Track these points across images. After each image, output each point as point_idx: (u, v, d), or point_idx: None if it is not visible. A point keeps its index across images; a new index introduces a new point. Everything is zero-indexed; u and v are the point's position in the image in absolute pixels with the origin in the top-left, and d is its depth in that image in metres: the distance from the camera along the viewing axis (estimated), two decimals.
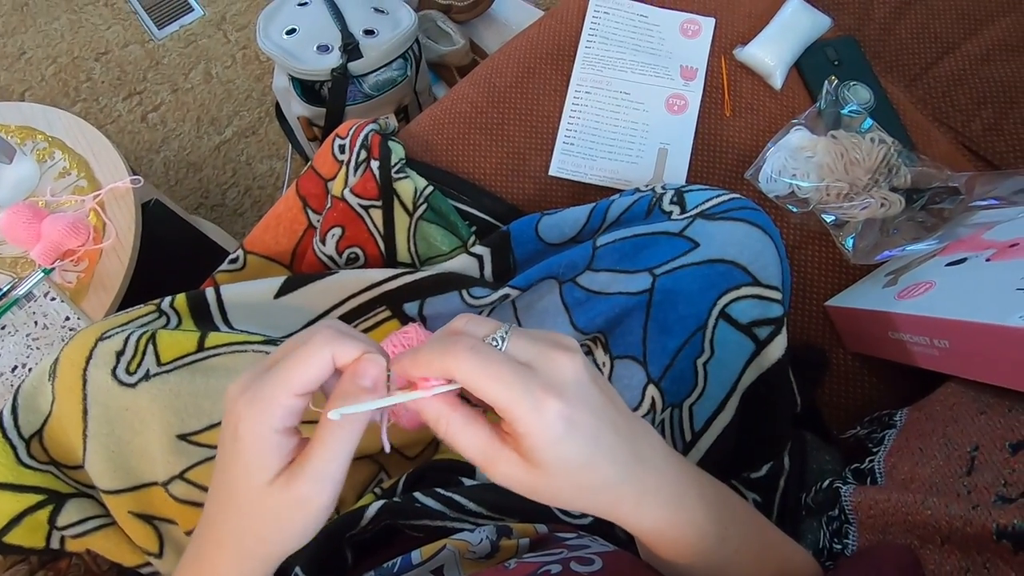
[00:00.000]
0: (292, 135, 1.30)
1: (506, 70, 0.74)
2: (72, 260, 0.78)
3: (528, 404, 0.26)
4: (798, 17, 0.70)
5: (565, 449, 0.27)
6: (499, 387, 0.26)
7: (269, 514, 0.28)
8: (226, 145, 1.38)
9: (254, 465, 0.27)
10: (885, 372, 0.59)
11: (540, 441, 0.26)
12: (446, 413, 0.28)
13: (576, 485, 0.28)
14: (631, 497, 0.29)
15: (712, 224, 0.52)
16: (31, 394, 0.51)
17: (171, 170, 1.36)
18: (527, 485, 0.27)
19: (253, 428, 0.27)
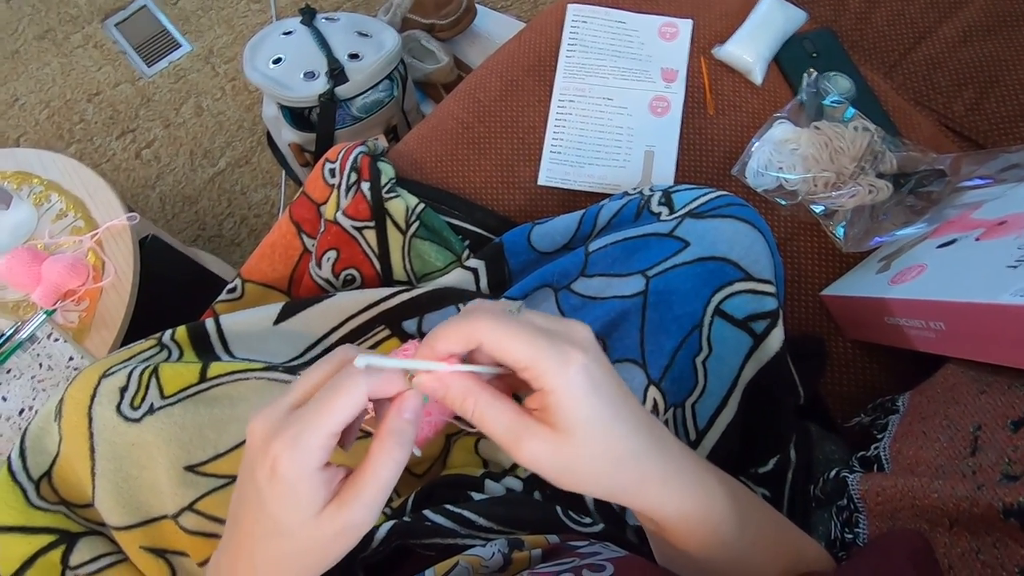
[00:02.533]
0: (285, 162, 1.31)
1: (489, 84, 0.75)
2: (73, 300, 0.79)
3: (554, 357, 0.27)
4: (773, 13, 0.71)
5: (591, 405, 0.27)
6: (523, 344, 0.27)
7: (316, 543, 0.28)
8: (220, 176, 1.39)
9: (301, 502, 0.28)
10: (885, 358, 0.59)
11: (567, 396, 0.27)
12: (474, 391, 0.28)
13: (602, 454, 0.28)
14: (656, 476, 0.29)
15: (701, 222, 0.52)
16: (38, 435, 0.51)
17: (167, 204, 1.37)
18: (555, 461, 0.27)
19: (296, 470, 0.27)
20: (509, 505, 0.50)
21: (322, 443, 0.27)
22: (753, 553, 0.34)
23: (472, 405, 0.28)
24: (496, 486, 0.54)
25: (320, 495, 0.28)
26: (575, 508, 0.51)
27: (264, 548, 0.29)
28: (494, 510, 0.49)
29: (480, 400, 0.28)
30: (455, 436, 0.62)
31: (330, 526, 0.28)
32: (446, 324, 0.28)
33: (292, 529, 0.28)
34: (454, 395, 0.28)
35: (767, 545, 0.35)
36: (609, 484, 0.29)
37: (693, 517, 0.31)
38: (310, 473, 0.27)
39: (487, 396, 0.28)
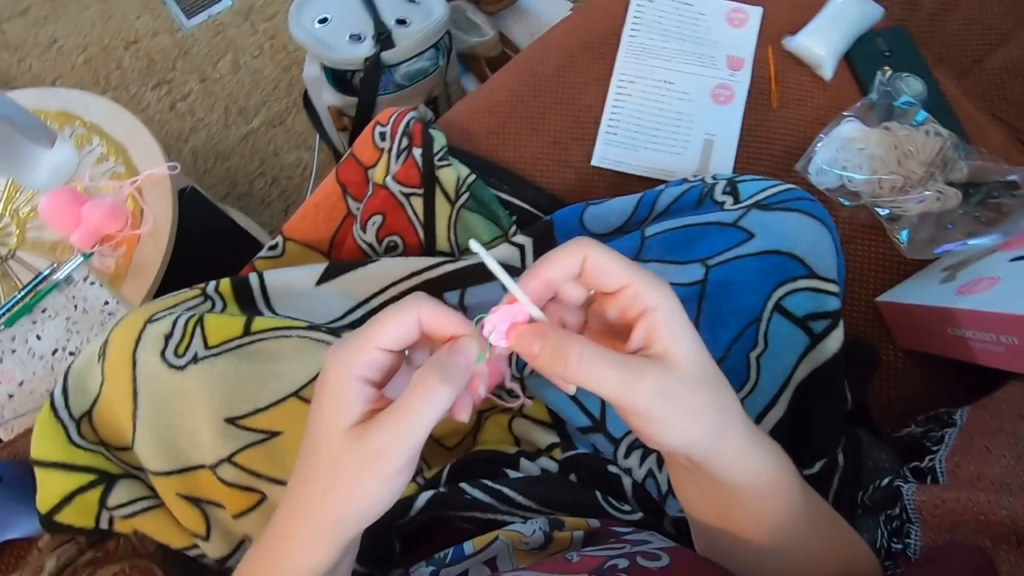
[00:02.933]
0: (320, 125, 1.30)
1: (547, 59, 0.73)
2: (110, 245, 0.78)
3: (651, 278, 0.27)
4: (849, 6, 0.69)
5: (687, 323, 0.27)
6: (624, 264, 0.28)
7: (344, 468, 0.27)
8: (254, 135, 1.38)
9: (335, 410, 0.27)
10: (936, 369, 0.58)
11: (670, 310, 0.27)
12: (579, 339, 0.27)
13: (703, 380, 0.27)
14: (743, 432, 0.29)
15: (767, 214, 0.51)
16: (80, 375, 0.51)
17: (199, 159, 1.37)
18: (668, 394, 0.26)
19: (336, 374, 0.27)
20: (548, 485, 0.49)
21: (364, 352, 0.27)
22: (812, 541, 0.33)
23: (576, 361, 0.26)
24: (532, 465, 0.54)
25: (352, 408, 0.27)
26: (614, 495, 0.50)
27: (302, 480, 0.28)
28: (533, 489, 0.48)
29: (584, 353, 0.26)
30: (488, 412, 0.61)
31: (354, 448, 0.26)
32: (551, 251, 0.28)
33: (321, 444, 0.27)
34: (549, 350, 0.27)
35: (824, 537, 0.34)
36: (708, 428, 0.28)
37: (769, 486, 0.30)
38: (348, 383, 0.27)
39: (589, 345, 0.26)
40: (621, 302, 0.28)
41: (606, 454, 0.54)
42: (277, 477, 0.50)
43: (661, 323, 0.27)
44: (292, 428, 0.52)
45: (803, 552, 0.32)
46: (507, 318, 0.29)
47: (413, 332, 0.28)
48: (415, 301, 0.28)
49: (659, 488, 0.51)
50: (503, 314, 0.29)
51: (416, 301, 0.28)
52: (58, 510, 0.47)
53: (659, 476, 0.52)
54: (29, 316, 0.73)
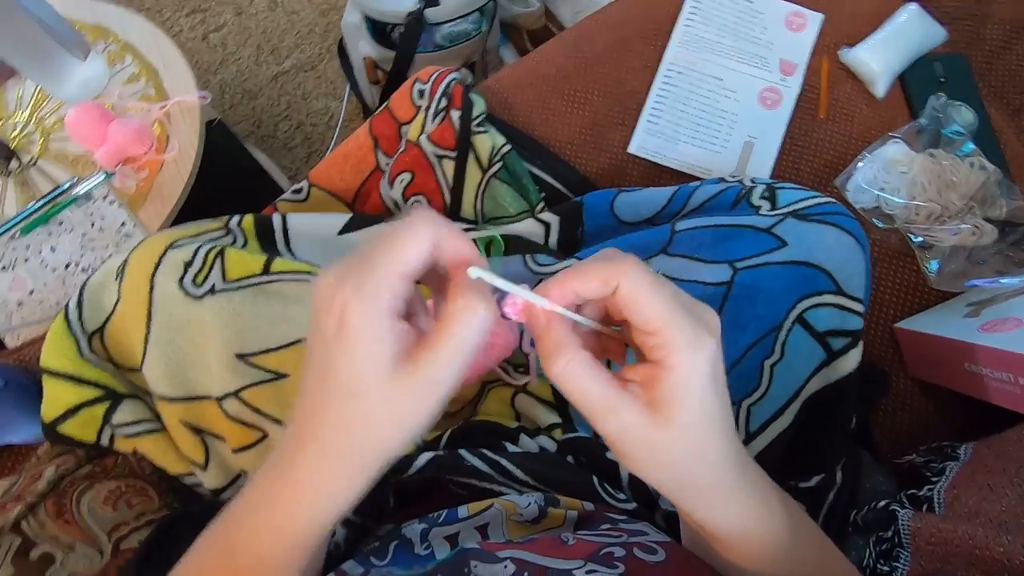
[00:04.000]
0: (352, 76, 1.28)
1: (597, 38, 0.72)
2: (133, 167, 0.78)
3: (689, 333, 0.25)
4: (912, 25, 0.67)
5: (703, 398, 0.25)
6: (664, 306, 0.25)
7: (390, 405, 0.25)
8: (284, 77, 1.36)
9: (372, 354, 0.25)
10: (944, 402, 0.58)
11: (687, 380, 0.25)
12: (573, 347, 0.25)
13: (691, 450, 0.26)
14: (728, 488, 0.28)
15: (804, 225, 0.50)
16: (96, 290, 0.51)
17: (227, 94, 1.35)
18: (643, 442, 0.25)
19: (366, 315, 0.24)
20: (547, 464, 0.49)
21: (391, 286, 0.24)
22: (799, 569, 0.33)
23: (565, 362, 0.25)
24: (531, 442, 0.54)
25: (392, 347, 0.25)
26: (610, 482, 0.51)
27: (333, 416, 0.26)
28: (531, 465, 0.48)
29: (576, 359, 0.25)
30: (491, 384, 0.61)
31: (406, 384, 0.25)
32: (588, 261, 0.26)
33: (363, 388, 0.25)
34: (549, 343, 0.26)
35: (812, 565, 0.34)
36: (683, 481, 0.27)
37: (750, 535, 0.30)
38: (380, 321, 0.24)
39: (585, 357, 0.25)
40: (642, 338, 0.26)
41: None
42: (280, 417, 0.50)
43: (668, 383, 0.25)
44: (299, 372, 0.52)
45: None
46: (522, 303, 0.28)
47: (426, 255, 0.25)
48: (428, 222, 0.25)
49: None
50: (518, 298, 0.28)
51: (428, 221, 0.25)
52: (61, 421, 0.47)
53: None
54: (45, 227, 0.73)
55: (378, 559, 0.42)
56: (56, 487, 0.45)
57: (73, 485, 0.46)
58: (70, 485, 0.45)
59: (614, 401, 0.25)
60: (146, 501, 0.48)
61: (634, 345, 0.28)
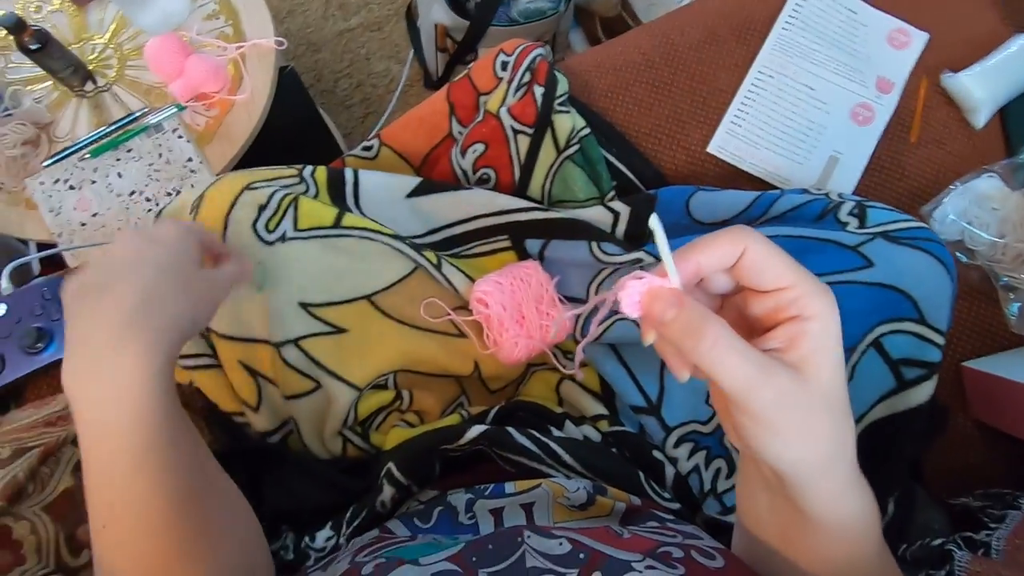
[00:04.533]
0: (418, 40, 1.27)
1: (689, 29, 0.70)
2: (205, 104, 0.78)
3: (817, 286, 0.26)
4: (1023, 57, 0.64)
5: (839, 343, 0.26)
6: (789, 263, 0.26)
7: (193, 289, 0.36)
8: (349, 34, 1.36)
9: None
10: (1004, 448, 0.56)
11: (828, 324, 0.25)
12: (718, 324, 0.25)
13: (829, 404, 0.26)
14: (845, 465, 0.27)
15: (893, 247, 0.48)
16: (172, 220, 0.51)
17: (291, 44, 1.35)
18: (796, 404, 0.25)
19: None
20: (595, 452, 0.49)
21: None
22: None
23: (712, 341, 0.24)
24: (575, 430, 0.53)
25: None
26: (656, 480, 0.50)
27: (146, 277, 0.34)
28: (579, 451, 0.48)
29: (723, 336, 0.25)
30: (536, 367, 0.61)
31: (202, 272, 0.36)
32: (710, 235, 0.26)
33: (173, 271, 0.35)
34: (689, 321, 0.25)
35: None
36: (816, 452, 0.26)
37: (851, 527, 0.29)
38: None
39: (730, 332, 0.25)
40: (773, 302, 0.26)
41: (655, 438, 0.53)
42: (336, 371, 0.50)
43: (813, 334, 0.25)
44: (358, 329, 0.52)
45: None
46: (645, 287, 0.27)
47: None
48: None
49: (702, 485, 0.51)
50: (644, 283, 0.27)
51: None
52: None
53: (704, 474, 0.51)
54: (114, 152, 0.74)
55: (422, 522, 0.42)
56: None
57: None
58: None
59: (768, 367, 0.25)
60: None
61: (753, 317, 0.28)
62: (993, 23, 0.68)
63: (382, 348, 0.53)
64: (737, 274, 0.27)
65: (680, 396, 0.53)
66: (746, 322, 0.29)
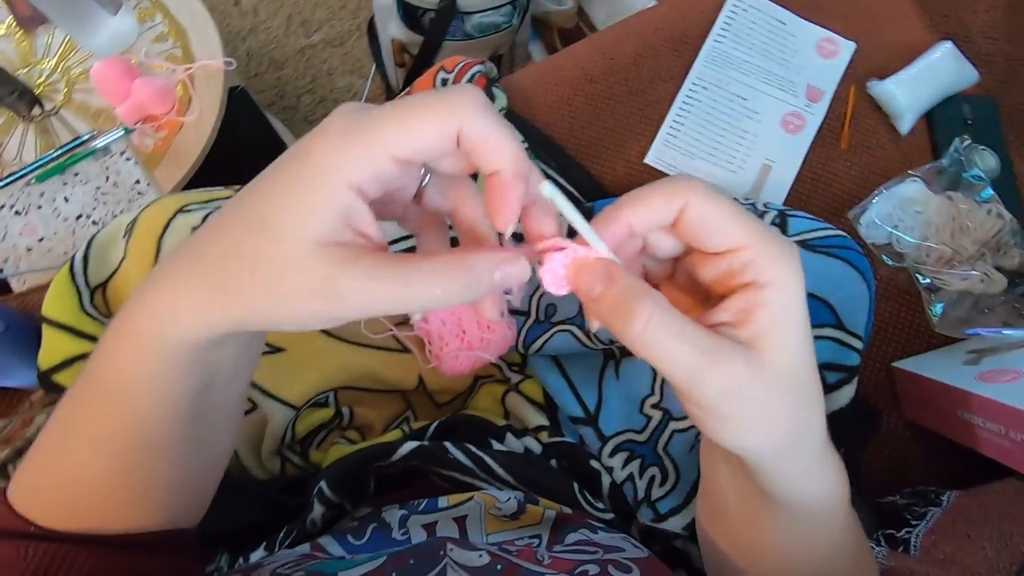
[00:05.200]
0: (379, 56, 1.28)
1: (626, 44, 0.71)
2: (153, 126, 0.78)
3: (776, 242, 0.21)
4: (945, 64, 0.66)
5: (803, 314, 0.22)
6: (742, 218, 0.21)
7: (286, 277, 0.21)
8: (311, 50, 1.36)
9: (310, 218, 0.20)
10: (934, 446, 0.58)
11: (789, 295, 0.21)
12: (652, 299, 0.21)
13: (790, 384, 0.22)
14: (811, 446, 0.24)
15: (812, 256, 0.50)
16: (104, 245, 0.51)
17: (253, 61, 1.35)
18: (752, 394, 0.22)
19: (328, 173, 0.20)
20: (530, 466, 0.49)
21: (375, 161, 0.20)
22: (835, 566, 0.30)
23: (646, 320, 0.21)
24: (516, 442, 0.54)
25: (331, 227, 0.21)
26: (591, 490, 0.51)
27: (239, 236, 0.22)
28: (514, 465, 0.49)
29: (658, 313, 0.21)
30: (484, 380, 0.62)
31: (316, 270, 0.20)
32: (639, 189, 0.22)
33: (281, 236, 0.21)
34: (619, 296, 0.21)
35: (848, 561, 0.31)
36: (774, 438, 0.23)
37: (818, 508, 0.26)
38: (339, 190, 0.20)
39: (668, 308, 0.21)
40: (726, 265, 0.22)
41: (592, 448, 0.54)
42: (271, 391, 0.51)
43: (771, 305, 0.21)
44: (296, 348, 0.52)
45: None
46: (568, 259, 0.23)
47: (447, 145, 0.21)
48: (461, 102, 0.21)
49: (636, 493, 0.52)
50: (567, 254, 0.23)
51: (462, 101, 0.21)
52: (57, 370, 0.48)
53: (638, 482, 0.52)
54: (61, 177, 0.74)
55: (355, 539, 0.42)
56: None
57: None
58: None
59: (714, 351, 0.21)
60: None
61: (701, 285, 0.24)
62: (918, 31, 0.70)
63: (320, 366, 0.53)
64: (680, 233, 0.23)
65: (616, 405, 0.54)
66: (700, 289, 0.25)
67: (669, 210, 0.22)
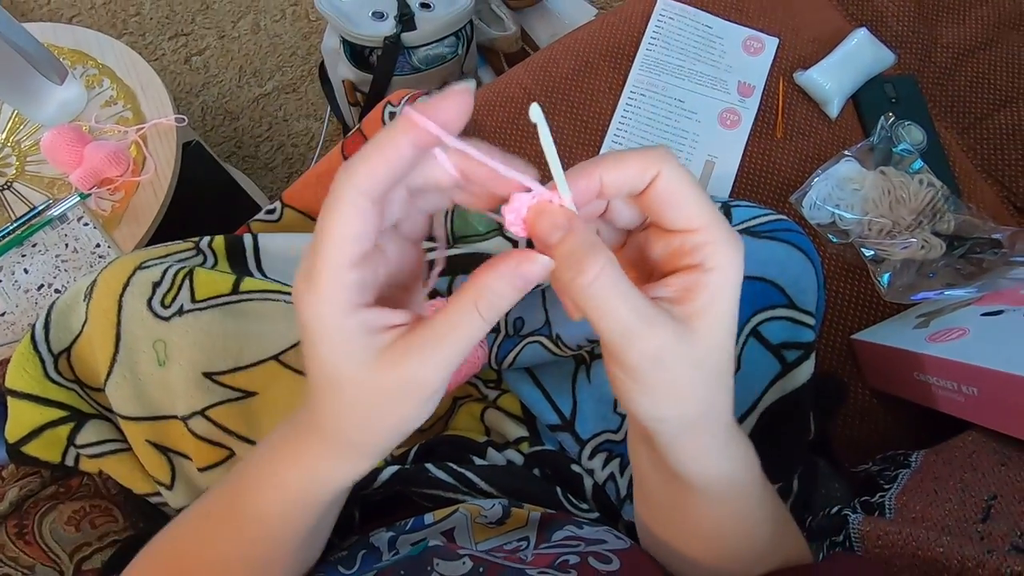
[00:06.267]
0: (333, 98, 1.30)
1: (563, 61, 0.74)
2: (109, 189, 0.78)
3: (728, 232, 0.23)
4: (863, 49, 0.70)
5: (734, 305, 0.23)
6: (707, 202, 0.23)
7: (373, 397, 0.23)
8: (265, 99, 1.38)
9: (337, 351, 0.23)
10: (902, 412, 0.60)
11: (726, 280, 0.23)
12: (604, 255, 0.22)
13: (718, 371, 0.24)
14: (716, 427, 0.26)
15: (756, 241, 0.52)
16: (64, 312, 0.51)
17: (208, 116, 1.36)
18: (673, 363, 0.23)
19: (317, 316, 0.22)
20: (511, 476, 0.50)
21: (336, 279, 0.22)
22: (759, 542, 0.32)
23: (596, 272, 0.21)
24: (498, 456, 0.55)
25: (359, 341, 0.23)
26: (574, 493, 0.51)
27: (328, 403, 0.25)
28: (497, 478, 0.49)
29: (608, 269, 0.21)
30: (462, 400, 0.62)
31: (387, 379, 0.23)
32: (622, 151, 0.23)
33: (341, 381, 0.23)
34: (576, 245, 0.22)
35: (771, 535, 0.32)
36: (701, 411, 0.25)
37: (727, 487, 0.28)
38: (333, 320, 0.22)
39: (617, 266, 0.22)
40: (678, 242, 0.23)
41: (571, 453, 0.55)
42: (247, 436, 0.51)
43: (711, 288, 0.23)
44: (269, 390, 0.52)
45: (749, 552, 0.32)
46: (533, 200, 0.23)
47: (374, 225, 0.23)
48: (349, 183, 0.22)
49: (618, 492, 0.52)
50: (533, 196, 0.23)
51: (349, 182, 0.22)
52: (26, 442, 0.48)
53: (619, 480, 0.53)
54: (19, 249, 0.73)
55: (346, 568, 0.42)
56: (19, 508, 0.45)
57: (36, 506, 0.46)
58: (33, 506, 0.45)
59: (651, 318, 0.22)
60: (110, 522, 0.48)
61: (648, 262, 0.25)
62: (835, 21, 0.74)
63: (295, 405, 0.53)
64: (645, 204, 0.24)
65: (590, 407, 0.55)
66: (646, 266, 0.26)
67: (642, 177, 0.23)
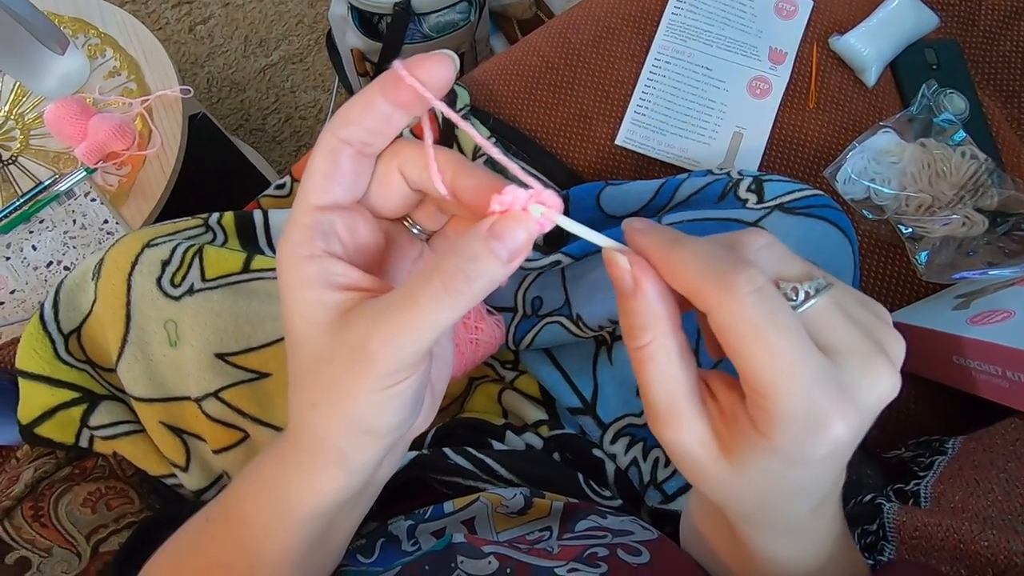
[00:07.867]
0: (341, 68, 1.26)
1: (584, 27, 0.71)
2: (115, 163, 0.76)
3: (811, 412, 0.19)
4: (904, 11, 0.66)
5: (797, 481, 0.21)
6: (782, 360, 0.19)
7: (330, 374, 0.20)
8: (272, 69, 1.35)
9: (301, 304, 0.21)
10: (935, 396, 0.58)
11: (786, 464, 0.20)
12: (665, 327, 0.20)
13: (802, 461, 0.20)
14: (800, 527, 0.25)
15: (791, 218, 0.49)
16: (73, 290, 0.50)
17: (214, 87, 1.33)
18: (696, 467, 0.21)
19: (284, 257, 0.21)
20: (532, 462, 0.49)
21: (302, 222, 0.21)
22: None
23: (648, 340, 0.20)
24: (517, 439, 0.53)
25: (320, 294, 0.21)
26: (596, 479, 0.50)
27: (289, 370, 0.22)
28: (517, 464, 0.48)
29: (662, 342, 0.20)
30: (479, 380, 0.61)
31: (338, 342, 0.20)
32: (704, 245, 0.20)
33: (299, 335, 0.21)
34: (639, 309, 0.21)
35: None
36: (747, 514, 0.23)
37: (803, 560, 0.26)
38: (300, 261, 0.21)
39: (674, 344, 0.20)
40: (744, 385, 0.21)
41: (593, 437, 0.54)
42: (262, 418, 0.50)
43: (758, 458, 0.20)
44: (282, 370, 0.51)
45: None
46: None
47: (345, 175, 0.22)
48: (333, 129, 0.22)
49: (641, 477, 0.51)
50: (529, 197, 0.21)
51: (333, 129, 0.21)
52: (39, 423, 0.47)
53: (643, 465, 0.52)
54: (26, 225, 0.72)
55: (365, 557, 0.41)
56: (34, 490, 0.45)
57: (51, 488, 0.45)
58: (48, 488, 0.45)
59: (681, 412, 0.21)
60: (126, 503, 0.47)
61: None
62: None
63: None
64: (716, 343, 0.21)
65: (612, 391, 0.54)
66: None
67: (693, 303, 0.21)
